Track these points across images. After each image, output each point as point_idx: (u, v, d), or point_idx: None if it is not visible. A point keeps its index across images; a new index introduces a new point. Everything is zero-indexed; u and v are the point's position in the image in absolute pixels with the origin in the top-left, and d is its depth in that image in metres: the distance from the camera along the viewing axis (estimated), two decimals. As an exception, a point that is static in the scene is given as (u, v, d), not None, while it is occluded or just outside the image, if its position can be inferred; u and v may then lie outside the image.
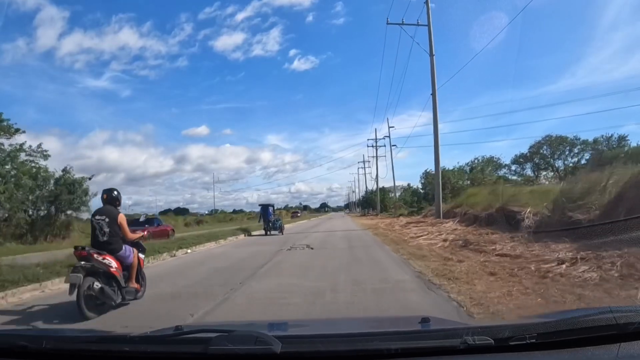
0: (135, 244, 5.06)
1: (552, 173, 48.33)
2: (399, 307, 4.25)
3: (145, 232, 5.70)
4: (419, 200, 40.51)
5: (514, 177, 41.45)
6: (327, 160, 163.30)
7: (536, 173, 45.02)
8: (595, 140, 45.74)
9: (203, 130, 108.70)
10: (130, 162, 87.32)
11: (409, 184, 54.05)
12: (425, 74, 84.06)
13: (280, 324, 2.36)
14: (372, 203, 58.70)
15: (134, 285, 4.82)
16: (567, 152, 48.22)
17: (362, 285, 5.35)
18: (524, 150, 46.54)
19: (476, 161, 43.79)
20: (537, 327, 1.25)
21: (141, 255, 5.11)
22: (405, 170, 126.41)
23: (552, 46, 61.81)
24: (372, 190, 63.74)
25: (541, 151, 48.47)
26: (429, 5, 18.10)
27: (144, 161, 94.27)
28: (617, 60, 54.68)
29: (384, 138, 46.80)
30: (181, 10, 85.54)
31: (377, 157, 46.03)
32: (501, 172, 42.90)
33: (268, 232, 18.56)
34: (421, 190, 59.19)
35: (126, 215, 5.44)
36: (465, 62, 60.43)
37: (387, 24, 19.85)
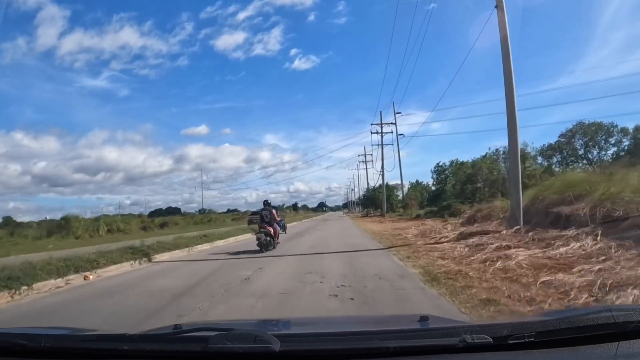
0: (277, 222, 11.04)
1: (586, 166, 38.70)
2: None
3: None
4: (436, 198, 34.66)
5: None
6: (325, 160, 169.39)
7: (563, 166, 38.67)
8: (637, 128, 39.30)
9: (202, 129, 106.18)
10: (129, 161, 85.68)
11: (417, 180, 47.25)
12: (426, 72, 78.34)
13: (280, 322, 2.42)
14: (375, 201, 50.56)
15: (277, 241, 11.00)
16: (602, 142, 41.93)
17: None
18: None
19: (496, 151, 35.78)
20: (536, 325, 1.25)
21: (278, 228, 11.07)
22: (405, 170, 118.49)
23: (551, 44, 60.86)
24: (374, 187, 54.45)
25: (573, 140, 41.95)
26: None
27: (143, 161, 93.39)
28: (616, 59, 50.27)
29: (390, 124, 37.86)
30: (182, 10, 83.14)
31: (382, 145, 36.27)
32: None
33: None
34: (432, 187, 48.83)
35: None
36: (463, 60, 55.76)
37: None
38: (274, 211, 11.16)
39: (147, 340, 1.35)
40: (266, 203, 11.75)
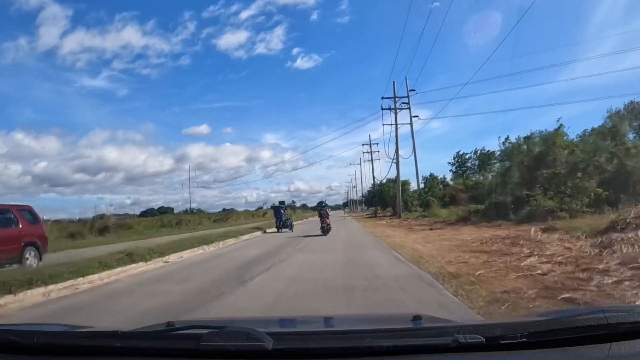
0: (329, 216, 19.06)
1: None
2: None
3: None
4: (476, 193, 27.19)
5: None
6: (326, 159, 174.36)
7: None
8: None
9: (204, 129, 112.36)
10: (130, 161, 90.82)
11: (431, 174, 39.74)
12: (427, 71, 75.42)
13: (273, 320, 2.55)
14: (385, 198, 44.52)
15: (330, 228, 18.24)
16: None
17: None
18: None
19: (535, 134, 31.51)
20: (529, 326, 1.26)
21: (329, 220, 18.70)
22: (406, 169, 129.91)
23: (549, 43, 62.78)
24: (380, 181, 48.15)
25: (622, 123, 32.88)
26: None
27: (143, 160, 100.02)
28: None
29: (404, 99, 32.68)
30: (185, 9, 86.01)
31: (396, 124, 26.89)
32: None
33: (280, 230, 21.57)
34: (450, 181, 42.53)
35: None
36: (462, 60, 68.64)
37: None
38: (327, 210, 18.37)
39: (139, 337, 1.40)
40: (322, 204, 19.77)
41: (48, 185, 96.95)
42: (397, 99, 30.01)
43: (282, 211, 22.48)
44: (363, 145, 53.48)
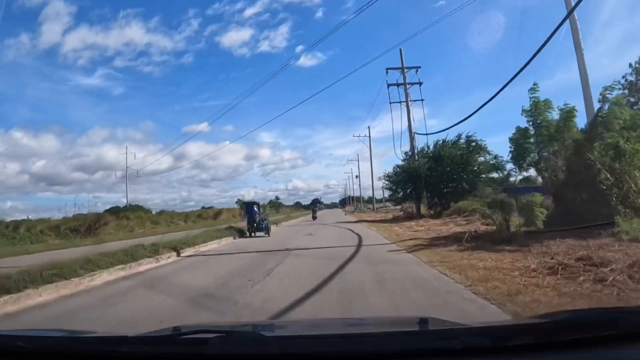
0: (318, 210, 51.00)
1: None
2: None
3: None
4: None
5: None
6: (325, 158, 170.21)
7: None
8: None
9: (203, 127, 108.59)
10: (129, 159, 64.43)
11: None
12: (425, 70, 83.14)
13: (279, 325, 2.63)
14: (455, 177, 22.06)
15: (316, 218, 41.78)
16: None
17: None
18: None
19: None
20: (536, 328, 1.32)
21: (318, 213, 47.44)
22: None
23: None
24: (419, 151, 26.53)
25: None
26: None
27: (142, 159, 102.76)
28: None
29: None
30: (190, 6, 77.57)
31: None
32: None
33: (253, 234, 19.03)
34: (541, 132, 21.79)
35: None
36: (462, 60, 61.17)
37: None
38: (317, 208, 46.85)
39: (146, 342, 1.46)
40: (316, 203, 67.79)
41: (45, 184, 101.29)
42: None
43: (255, 210, 18.62)
44: (389, 85, 26.09)
